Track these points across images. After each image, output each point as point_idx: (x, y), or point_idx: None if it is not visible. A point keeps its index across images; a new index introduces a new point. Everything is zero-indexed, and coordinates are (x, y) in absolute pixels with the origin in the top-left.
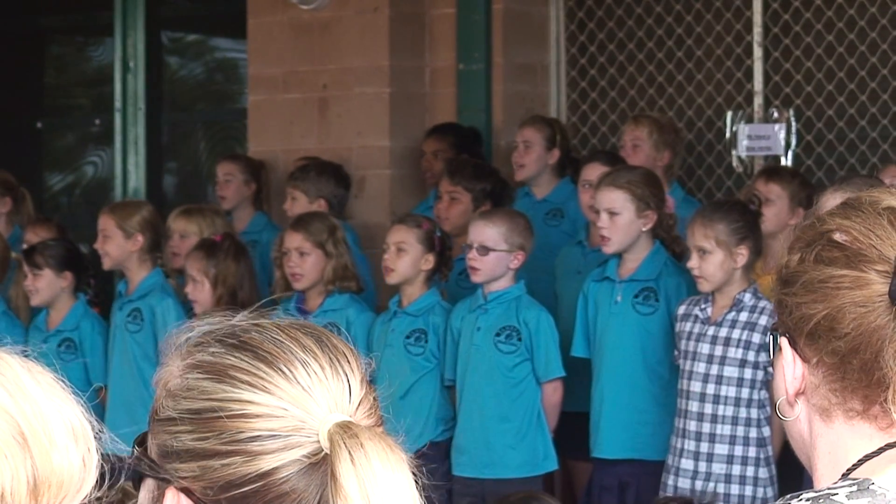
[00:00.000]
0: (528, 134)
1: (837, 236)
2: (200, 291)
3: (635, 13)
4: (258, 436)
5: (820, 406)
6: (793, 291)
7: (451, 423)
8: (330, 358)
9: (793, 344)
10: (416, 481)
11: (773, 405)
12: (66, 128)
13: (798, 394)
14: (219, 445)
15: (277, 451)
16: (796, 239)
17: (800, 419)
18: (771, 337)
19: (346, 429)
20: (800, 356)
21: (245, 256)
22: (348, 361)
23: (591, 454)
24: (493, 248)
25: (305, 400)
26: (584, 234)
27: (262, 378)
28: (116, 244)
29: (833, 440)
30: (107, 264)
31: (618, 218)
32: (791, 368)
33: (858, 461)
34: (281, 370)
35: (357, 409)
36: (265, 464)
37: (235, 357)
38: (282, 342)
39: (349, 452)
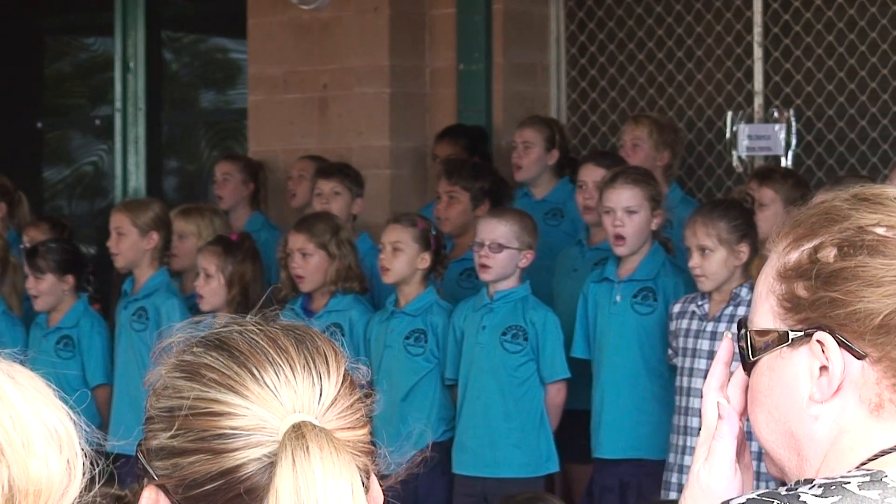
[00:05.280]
0: (528, 135)
1: (882, 230)
2: (211, 287)
3: (635, 13)
4: (221, 434)
5: (870, 400)
6: (847, 289)
7: (453, 422)
8: (305, 359)
9: (837, 339)
10: (363, 485)
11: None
12: (66, 127)
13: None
14: (186, 443)
15: (239, 450)
16: (809, 234)
17: (818, 417)
18: (750, 335)
19: (297, 430)
20: (849, 352)
21: (259, 259)
22: (326, 363)
23: (592, 455)
24: (506, 246)
25: (270, 400)
26: (585, 234)
27: (230, 377)
28: (131, 242)
29: (877, 433)
30: (119, 263)
31: (636, 216)
32: (839, 365)
33: (875, 455)
34: (250, 370)
35: (327, 410)
36: (227, 462)
37: (211, 357)
38: (257, 342)
39: (291, 453)
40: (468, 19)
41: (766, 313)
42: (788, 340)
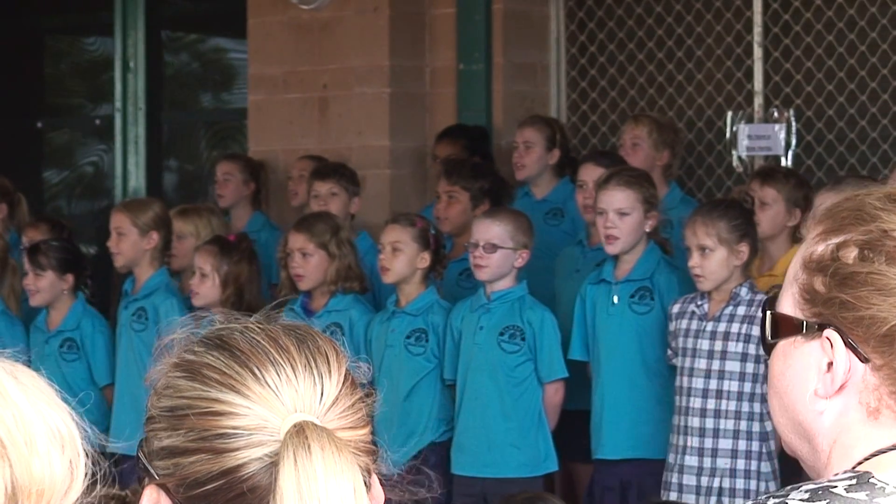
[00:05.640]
0: (529, 134)
1: None
2: (206, 286)
3: (635, 13)
4: (223, 433)
5: (868, 404)
6: (859, 294)
7: (453, 423)
8: (307, 358)
9: (845, 340)
10: (364, 483)
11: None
12: (66, 127)
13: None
14: (187, 443)
15: (241, 449)
16: (837, 229)
17: (822, 412)
18: (772, 317)
19: (299, 429)
20: (854, 354)
21: (256, 260)
22: (328, 363)
23: (593, 455)
24: (500, 246)
25: (272, 399)
26: (585, 234)
27: (231, 377)
28: (131, 242)
29: (874, 436)
30: (119, 262)
31: (627, 218)
32: (844, 365)
33: (870, 455)
34: (252, 370)
35: (328, 410)
36: (229, 461)
37: (212, 356)
38: (259, 342)
39: (293, 453)
40: (468, 19)
41: (788, 299)
42: (803, 330)
